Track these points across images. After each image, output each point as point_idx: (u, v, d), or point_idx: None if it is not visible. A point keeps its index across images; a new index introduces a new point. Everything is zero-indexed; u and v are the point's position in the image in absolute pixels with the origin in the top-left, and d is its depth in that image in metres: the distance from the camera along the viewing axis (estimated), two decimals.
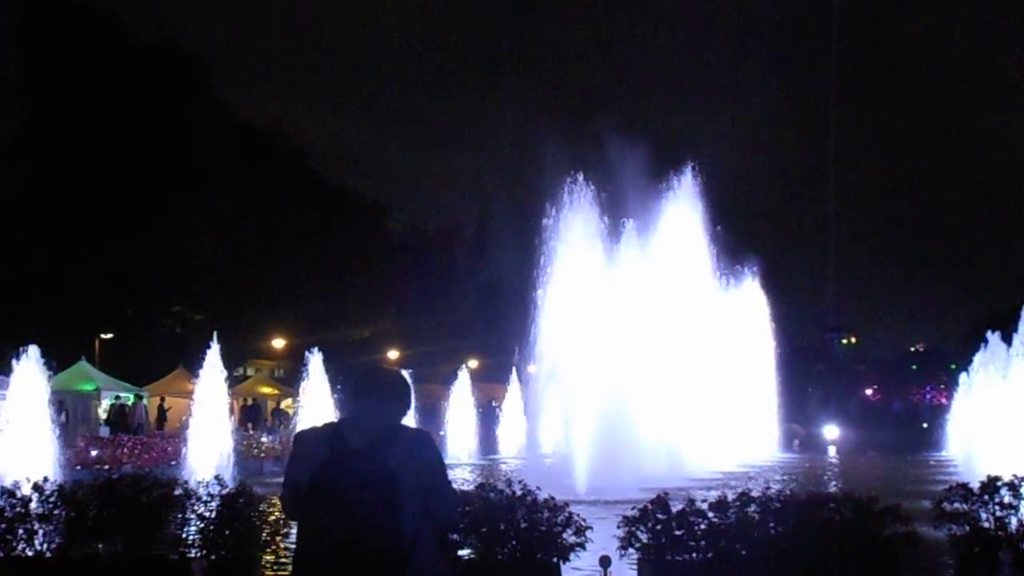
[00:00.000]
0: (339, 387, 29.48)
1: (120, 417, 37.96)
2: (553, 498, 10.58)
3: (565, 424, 26.73)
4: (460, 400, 41.23)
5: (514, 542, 10.26)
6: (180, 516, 10.82)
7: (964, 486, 11.02)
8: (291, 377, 52.92)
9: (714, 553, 10.22)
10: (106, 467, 26.19)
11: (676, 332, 31.03)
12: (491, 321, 55.41)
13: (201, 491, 10.85)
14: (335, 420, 4.67)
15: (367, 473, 4.27)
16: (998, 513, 10.64)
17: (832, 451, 46.51)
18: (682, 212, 34.25)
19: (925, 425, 58.45)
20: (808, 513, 10.44)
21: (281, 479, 4.78)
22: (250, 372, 60.45)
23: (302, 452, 4.49)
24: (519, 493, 10.46)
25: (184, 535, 10.76)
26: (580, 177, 28.14)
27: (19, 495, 10.89)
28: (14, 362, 22.29)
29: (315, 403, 28.67)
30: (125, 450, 29.87)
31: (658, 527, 10.27)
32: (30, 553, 10.69)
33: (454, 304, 71.76)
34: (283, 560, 11.96)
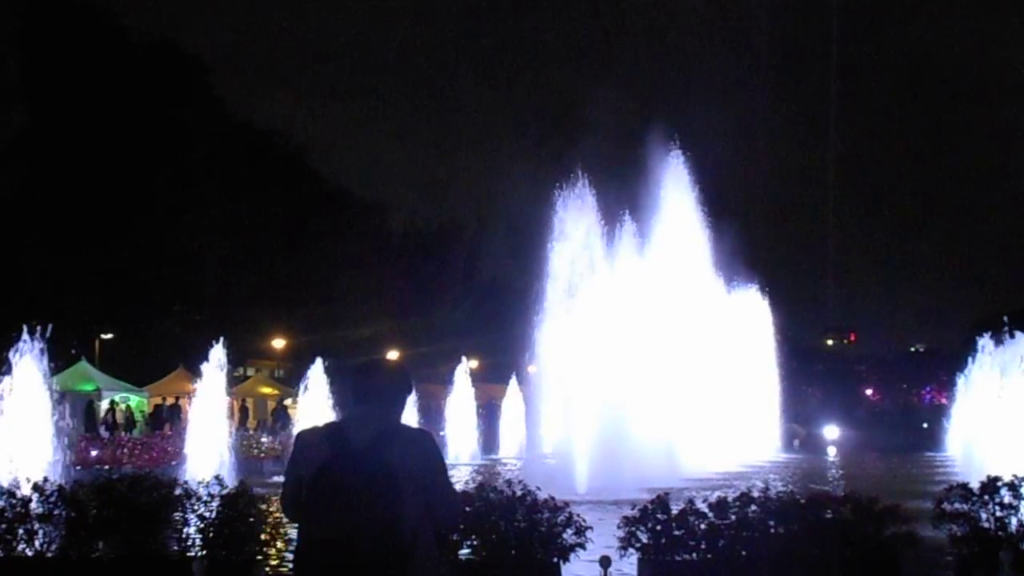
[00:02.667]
0: (336, 389, 29.47)
1: None
2: (553, 498, 10.57)
3: (565, 424, 26.72)
4: (460, 400, 41.22)
5: (514, 542, 10.26)
6: (180, 516, 10.82)
7: (964, 486, 11.02)
8: (291, 377, 52.94)
9: (714, 553, 10.22)
10: (106, 467, 26.17)
11: (676, 332, 31.01)
12: (491, 321, 55.39)
13: (201, 491, 10.85)
14: (336, 420, 4.66)
15: (368, 473, 4.28)
16: (998, 513, 10.63)
17: (832, 451, 46.48)
18: (681, 211, 34.23)
19: (925, 425, 58.45)
20: (808, 513, 10.43)
21: (281, 479, 4.77)
22: (250, 372, 60.43)
23: (303, 451, 4.49)
24: (519, 493, 10.45)
25: (184, 535, 10.76)
26: (578, 176, 28.16)
27: (19, 495, 10.89)
28: (14, 356, 22.18)
29: (315, 409, 28.65)
30: (125, 450, 29.88)
31: (658, 527, 10.27)
32: (30, 553, 10.70)
33: (454, 304, 71.74)
34: (283, 560, 11.96)
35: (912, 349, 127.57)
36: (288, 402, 47.30)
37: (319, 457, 4.36)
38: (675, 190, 34.23)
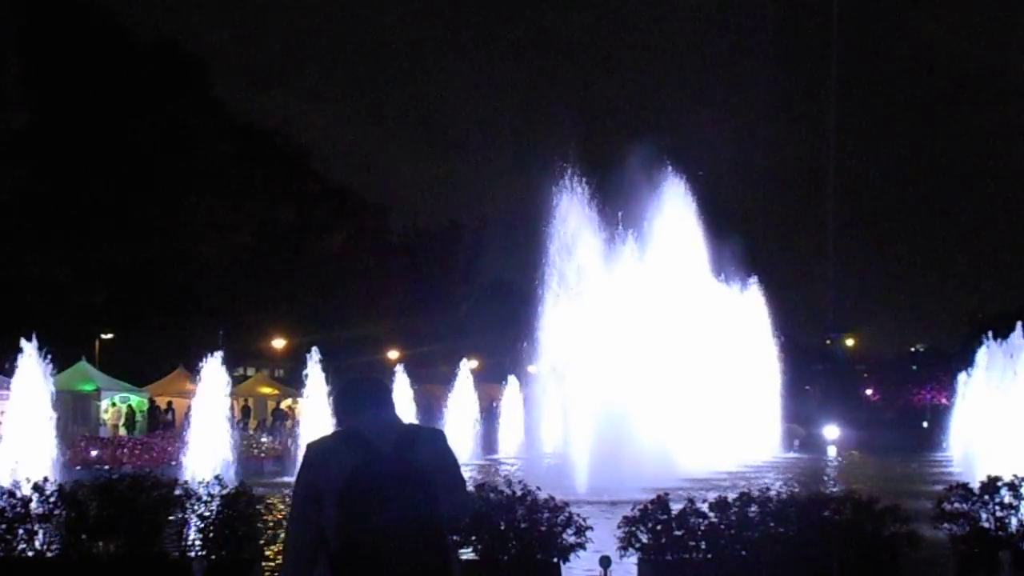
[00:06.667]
0: (333, 392, 29.39)
1: None
2: (553, 498, 10.58)
3: (565, 424, 26.71)
4: (460, 400, 41.23)
5: (514, 542, 10.26)
6: (180, 516, 10.82)
7: (964, 486, 11.02)
8: (291, 377, 52.97)
9: (714, 553, 10.22)
10: (106, 467, 26.15)
11: (676, 332, 31.00)
12: (491, 321, 55.40)
13: (201, 491, 10.85)
14: (345, 429, 4.67)
15: (403, 471, 4.39)
16: (998, 513, 10.63)
17: (832, 451, 46.48)
18: (682, 212, 34.23)
19: (925, 425, 58.47)
20: (808, 513, 10.43)
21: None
22: (250, 372, 60.43)
23: (322, 461, 4.48)
24: (519, 493, 10.45)
25: (184, 535, 10.76)
26: (579, 176, 28.18)
27: (19, 495, 10.89)
28: (17, 358, 22.25)
29: (316, 403, 28.62)
30: (125, 450, 29.85)
31: (658, 527, 10.27)
32: (30, 553, 10.69)
33: (454, 304, 71.78)
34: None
35: (912, 349, 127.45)
36: (288, 402, 47.30)
37: (347, 464, 4.39)
38: (675, 190, 34.23)
